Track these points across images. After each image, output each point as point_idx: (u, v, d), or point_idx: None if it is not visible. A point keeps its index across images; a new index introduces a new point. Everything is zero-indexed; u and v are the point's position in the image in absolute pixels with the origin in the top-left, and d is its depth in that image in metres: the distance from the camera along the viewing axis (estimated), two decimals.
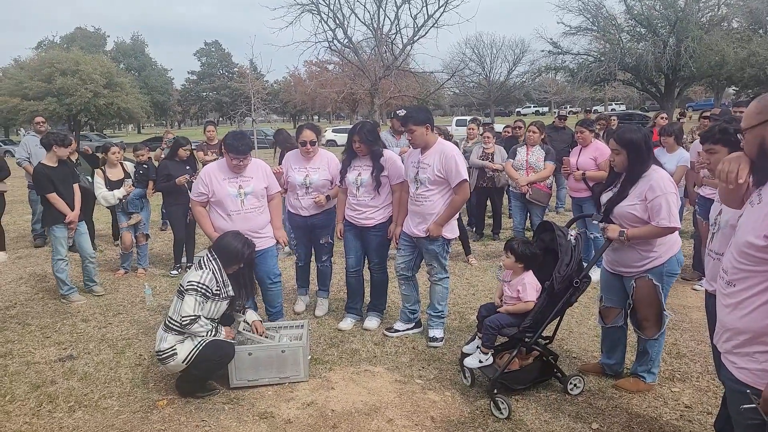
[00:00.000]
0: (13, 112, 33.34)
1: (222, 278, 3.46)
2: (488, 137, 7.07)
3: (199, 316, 3.36)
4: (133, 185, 5.93)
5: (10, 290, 5.80)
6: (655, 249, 3.09)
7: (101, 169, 5.93)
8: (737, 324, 1.71)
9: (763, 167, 1.76)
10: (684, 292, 5.20)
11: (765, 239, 1.62)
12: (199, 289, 3.34)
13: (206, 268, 3.42)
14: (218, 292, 3.44)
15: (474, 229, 7.72)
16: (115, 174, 5.91)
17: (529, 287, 3.31)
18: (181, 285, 3.43)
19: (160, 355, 3.37)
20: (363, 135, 4.18)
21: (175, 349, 3.33)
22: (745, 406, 1.65)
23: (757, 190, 1.79)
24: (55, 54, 35.85)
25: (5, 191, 6.96)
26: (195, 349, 3.35)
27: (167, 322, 3.40)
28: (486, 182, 7.17)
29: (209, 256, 3.50)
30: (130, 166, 6.17)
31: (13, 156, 8.41)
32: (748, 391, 1.66)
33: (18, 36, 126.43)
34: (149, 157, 6.66)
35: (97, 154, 7.37)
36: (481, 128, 7.74)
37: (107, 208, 6.27)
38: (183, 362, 3.33)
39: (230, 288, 3.52)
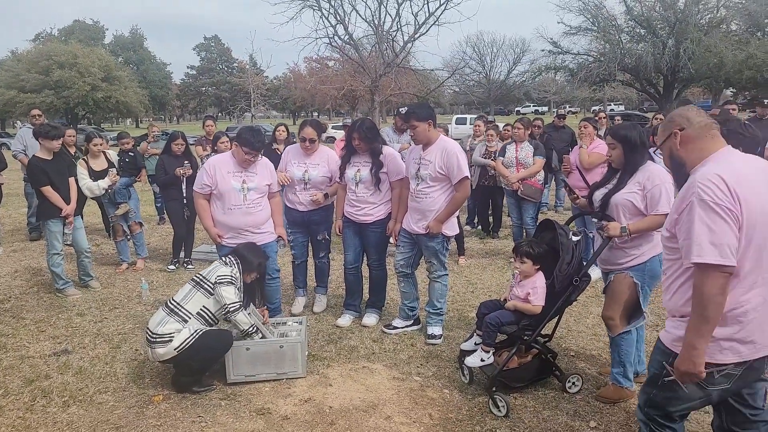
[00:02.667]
0: (9, 104, 33.27)
1: (241, 283, 3.58)
2: (492, 135, 7.05)
3: (242, 303, 3.48)
4: (118, 174, 5.86)
5: (5, 284, 5.75)
6: (639, 247, 3.12)
7: (84, 159, 5.82)
8: (667, 305, 2.11)
9: (677, 175, 2.14)
10: None
11: (668, 232, 2.04)
12: (233, 281, 3.46)
13: (234, 267, 3.53)
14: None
15: (479, 227, 7.71)
16: (98, 164, 5.81)
17: (540, 291, 3.27)
18: (204, 278, 3.47)
19: (155, 338, 3.30)
20: (362, 132, 4.16)
21: (173, 335, 3.30)
22: (666, 378, 2.04)
23: None
24: (52, 46, 35.74)
25: (2, 183, 6.91)
26: (191, 337, 3.32)
27: (174, 308, 3.40)
28: (488, 181, 7.14)
29: (233, 259, 3.58)
30: (113, 155, 6.10)
31: (9, 148, 8.37)
32: (664, 362, 2.05)
33: (16, 28, 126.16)
34: (134, 145, 6.59)
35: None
36: (484, 126, 7.71)
37: (92, 199, 6.20)
38: (175, 349, 3.29)
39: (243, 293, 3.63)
